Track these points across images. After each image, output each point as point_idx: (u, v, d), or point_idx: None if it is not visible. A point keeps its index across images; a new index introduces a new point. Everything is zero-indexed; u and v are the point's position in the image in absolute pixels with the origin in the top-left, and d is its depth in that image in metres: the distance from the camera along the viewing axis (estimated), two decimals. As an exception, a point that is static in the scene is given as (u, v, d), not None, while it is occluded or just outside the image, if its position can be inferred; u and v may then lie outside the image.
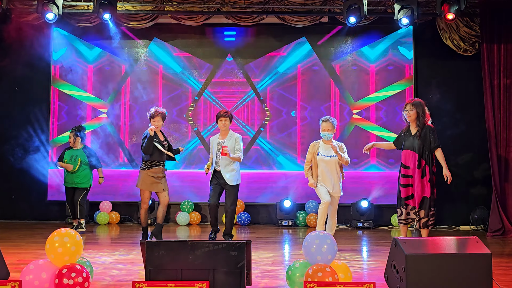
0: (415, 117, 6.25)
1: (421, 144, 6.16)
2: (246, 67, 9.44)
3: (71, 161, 7.98)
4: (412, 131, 6.27)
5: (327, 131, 6.30)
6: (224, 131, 6.85)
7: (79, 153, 8.05)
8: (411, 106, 6.26)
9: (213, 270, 3.81)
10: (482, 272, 3.86)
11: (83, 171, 8.00)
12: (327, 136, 6.31)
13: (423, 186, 6.12)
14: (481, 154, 8.72)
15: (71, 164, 7.95)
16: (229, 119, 6.82)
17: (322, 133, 6.35)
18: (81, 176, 8.01)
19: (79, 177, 8.00)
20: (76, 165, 7.97)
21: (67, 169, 7.97)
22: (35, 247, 6.51)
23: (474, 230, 8.66)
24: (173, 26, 9.24)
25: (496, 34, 8.37)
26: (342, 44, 9.41)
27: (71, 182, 8.02)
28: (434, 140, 6.16)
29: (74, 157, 8.02)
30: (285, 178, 9.28)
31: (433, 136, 6.16)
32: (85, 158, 8.03)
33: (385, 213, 9.13)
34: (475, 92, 8.79)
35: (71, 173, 7.97)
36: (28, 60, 9.27)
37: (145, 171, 6.78)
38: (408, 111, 6.28)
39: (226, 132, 6.87)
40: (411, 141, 6.24)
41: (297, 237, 7.96)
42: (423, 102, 6.32)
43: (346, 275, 4.01)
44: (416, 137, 6.18)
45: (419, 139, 6.16)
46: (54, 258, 3.83)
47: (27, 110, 9.34)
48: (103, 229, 8.59)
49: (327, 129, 6.30)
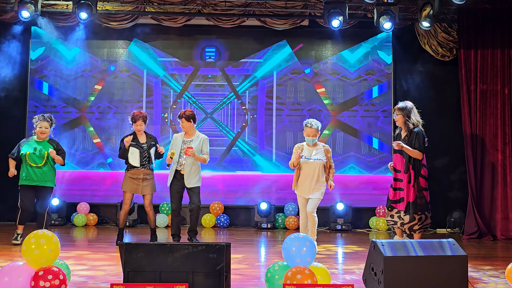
0: (402, 121, 6.21)
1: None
2: (226, 69, 9.43)
3: (35, 154, 6.68)
4: (402, 135, 6.28)
5: (311, 136, 6.19)
6: (187, 132, 6.82)
7: (44, 145, 6.77)
8: (397, 110, 6.24)
9: (192, 272, 3.80)
10: (458, 274, 3.92)
11: (50, 165, 6.78)
12: (311, 141, 6.22)
13: (409, 191, 6.10)
14: (457, 157, 8.85)
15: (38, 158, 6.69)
16: (185, 119, 6.73)
17: (306, 139, 6.24)
18: (49, 172, 6.78)
19: (46, 173, 6.74)
20: (43, 159, 6.71)
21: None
22: (11, 249, 6.40)
23: (450, 233, 8.77)
24: (153, 27, 9.20)
25: (473, 40, 8.51)
26: (322, 48, 9.47)
27: (34, 178, 6.69)
28: (418, 144, 6.06)
29: (39, 149, 6.71)
30: (265, 180, 9.29)
31: (418, 140, 6.08)
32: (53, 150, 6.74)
33: (364, 215, 9.20)
34: (453, 97, 8.93)
35: (36, 168, 6.69)
36: (5, 59, 9.12)
37: (126, 173, 6.81)
38: (395, 116, 6.31)
39: (191, 132, 6.82)
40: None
41: (276, 239, 7.98)
42: (410, 106, 6.23)
43: (324, 278, 4.03)
44: (404, 142, 6.16)
45: (407, 143, 6.12)
46: (30, 260, 3.77)
47: (3, 108, 9.17)
48: (80, 231, 8.49)
49: (312, 135, 6.19)
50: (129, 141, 6.71)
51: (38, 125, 6.77)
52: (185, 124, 6.77)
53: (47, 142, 6.83)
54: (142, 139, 6.87)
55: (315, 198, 6.17)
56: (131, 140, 6.78)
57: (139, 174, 6.77)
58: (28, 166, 6.70)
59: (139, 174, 6.76)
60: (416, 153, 6.08)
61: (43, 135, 6.79)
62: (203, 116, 9.34)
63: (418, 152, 6.09)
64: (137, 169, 6.76)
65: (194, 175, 6.74)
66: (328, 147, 6.37)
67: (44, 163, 6.72)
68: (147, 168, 6.80)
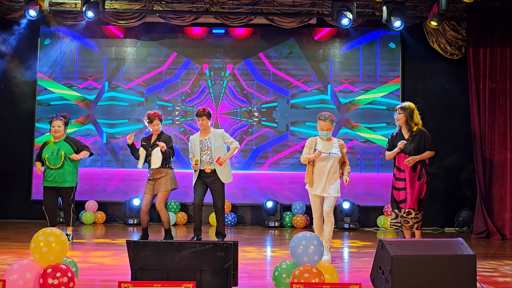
0: (403, 121, 6.19)
1: (415, 148, 6.08)
2: (234, 68, 9.43)
3: (53, 156, 6.70)
4: (404, 134, 6.22)
5: (326, 130, 5.82)
6: (204, 130, 6.80)
7: (61, 145, 6.77)
8: (400, 110, 6.21)
9: (200, 270, 3.80)
10: (466, 274, 3.90)
11: (68, 166, 6.77)
12: (326, 136, 5.84)
13: (421, 188, 6.07)
14: (466, 156, 8.81)
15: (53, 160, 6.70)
16: (206, 117, 6.74)
17: (320, 133, 5.85)
18: (66, 173, 6.75)
19: (64, 174, 6.73)
20: (60, 160, 6.71)
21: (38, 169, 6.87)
22: (19, 246, 6.44)
23: (459, 232, 8.73)
24: (161, 25, 9.22)
25: (482, 38, 8.45)
26: (330, 46, 9.45)
27: (54, 180, 6.72)
28: (429, 144, 6.10)
29: (56, 150, 6.73)
30: (273, 178, 9.29)
31: (428, 140, 6.12)
32: (70, 150, 6.76)
33: (371, 214, 9.18)
34: (461, 95, 8.88)
35: (54, 170, 6.71)
36: (14, 57, 9.18)
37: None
38: (397, 115, 6.28)
39: (206, 131, 6.81)
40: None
41: (284, 238, 7.97)
42: (412, 106, 6.22)
43: (332, 276, 4.02)
44: (409, 141, 6.12)
45: (412, 142, 6.09)
46: (39, 258, 3.79)
47: (12, 108, 9.23)
48: (89, 229, 8.53)
49: (326, 129, 5.81)
50: (130, 137, 6.72)
51: (52, 124, 6.80)
52: (205, 122, 6.74)
53: (64, 142, 6.81)
54: (154, 139, 6.85)
55: (331, 197, 5.75)
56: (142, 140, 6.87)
57: (151, 175, 6.79)
58: (49, 168, 6.73)
59: (155, 174, 6.77)
60: (428, 154, 6.12)
61: (57, 134, 6.78)
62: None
63: (430, 152, 6.12)
64: (150, 169, 6.77)
65: (224, 171, 6.72)
66: (343, 142, 6.00)
67: (62, 164, 6.70)
68: (155, 168, 6.75)
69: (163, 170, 6.75)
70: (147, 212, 6.81)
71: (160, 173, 6.75)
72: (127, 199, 9.06)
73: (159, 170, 6.75)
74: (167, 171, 6.78)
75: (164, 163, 6.75)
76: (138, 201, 8.91)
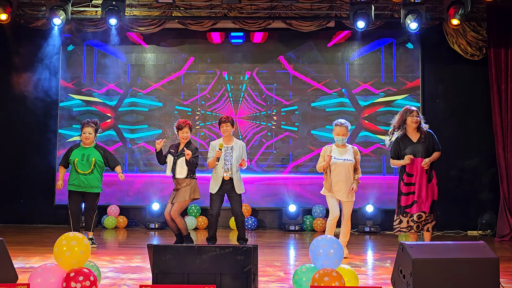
0: (418, 125, 6.28)
1: (426, 149, 6.15)
2: (253, 72, 9.47)
3: (83, 161, 6.79)
4: (412, 137, 6.22)
5: (341, 135, 6.16)
6: (227, 136, 6.78)
7: (91, 152, 6.88)
8: (417, 113, 6.29)
9: (220, 274, 3.83)
10: (489, 277, 3.85)
11: (97, 172, 6.88)
12: (341, 141, 6.18)
13: (432, 190, 6.11)
14: (488, 158, 8.69)
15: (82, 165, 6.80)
16: (230, 124, 6.73)
17: (336, 138, 6.20)
18: (95, 179, 6.87)
19: (93, 180, 6.84)
20: (90, 167, 6.81)
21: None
22: (43, 251, 6.54)
23: (482, 235, 8.61)
24: (180, 31, 9.30)
25: (503, 39, 8.35)
26: (348, 49, 9.43)
27: (81, 185, 6.80)
28: (438, 144, 6.24)
29: (86, 156, 6.83)
30: (292, 182, 9.29)
31: (437, 141, 6.25)
32: (100, 157, 6.89)
33: (392, 217, 9.06)
34: (483, 97, 8.78)
35: (82, 175, 6.81)
36: (37, 64, 9.36)
37: None
38: (417, 118, 6.25)
39: (229, 138, 6.81)
40: (414, 147, 6.16)
41: (304, 241, 7.96)
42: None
43: (352, 280, 4.01)
44: (421, 143, 6.16)
45: (424, 144, 6.15)
46: (62, 262, 3.86)
47: (36, 113, 9.39)
48: (111, 233, 8.63)
49: (342, 134, 6.15)
50: (159, 143, 6.70)
51: (83, 131, 6.87)
52: (229, 129, 6.72)
53: (94, 148, 6.90)
54: (181, 148, 6.85)
55: (350, 202, 6.20)
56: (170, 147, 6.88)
57: (176, 184, 6.80)
58: (76, 172, 6.78)
59: (175, 184, 6.80)
60: (438, 154, 6.22)
61: (88, 141, 6.85)
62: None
63: (439, 153, 6.23)
64: (176, 178, 6.76)
65: (240, 182, 6.74)
66: (356, 149, 6.31)
67: (91, 170, 6.79)
68: (180, 177, 6.73)
69: (186, 180, 6.74)
70: (172, 219, 6.79)
71: (183, 182, 6.74)
72: (148, 204, 9.14)
73: (183, 180, 6.75)
74: (189, 181, 6.76)
75: (188, 173, 6.75)
76: (157, 205, 8.99)
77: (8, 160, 9.33)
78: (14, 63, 9.33)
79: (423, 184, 6.09)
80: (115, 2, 7.93)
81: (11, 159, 9.33)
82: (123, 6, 8.06)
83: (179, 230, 6.80)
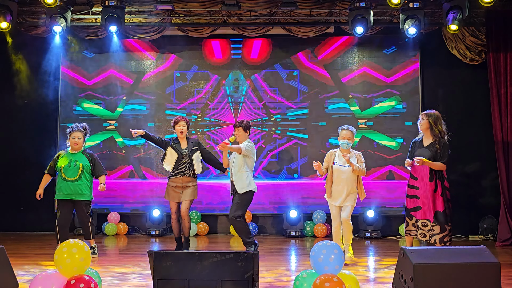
0: (426, 127, 6.13)
1: (431, 157, 6.01)
2: (253, 78, 9.48)
3: (70, 168, 6.55)
4: (425, 142, 6.15)
5: (346, 139, 6.22)
6: (239, 141, 6.67)
7: (79, 157, 6.63)
8: (424, 115, 6.17)
9: (221, 280, 3.83)
10: (490, 282, 3.84)
11: (85, 179, 6.62)
12: (346, 145, 6.23)
13: (435, 200, 5.99)
14: (489, 163, 8.69)
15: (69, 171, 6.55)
16: (242, 129, 6.60)
17: (341, 142, 6.26)
18: (83, 185, 6.60)
19: (81, 186, 6.57)
20: (77, 173, 6.55)
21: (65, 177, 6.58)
22: (44, 258, 6.54)
23: (483, 239, 8.60)
24: (180, 37, 9.31)
25: (502, 43, 8.37)
26: (348, 55, 9.44)
27: (69, 192, 6.54)
28: (443, 154, 6.01)
29: (74, 162, 6.58)
30: (292, 187, 9.28)
31: (446, 153, 6.02)
32: (87, 163, 6.64)
33: (393, 222, 9.09)
34: (482, 101, 8.79)
35: (70, 182, 6.56)
36: (37, 72, 9.39)
37: (168, 181, 6.75)
38: (420, 120, 6.23)
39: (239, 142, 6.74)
40: (421, 151, 6.09)
41: (305, 247, 7.95)
42: (437, 114, 6.16)
43: (354, 285, 4.00)
44: (428, 149, 6.06)
45: (430, 151, 6.03)
46: (62, 269, 3.85)
47: (36, 121, 9.41)
48: (111, 240, 8.62)
49: (347, 137, 6.23)
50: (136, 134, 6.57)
51: (71, 136, 6.66)
52: (241, 134, 6.57)
53: (82, 154, 6.68)
54: (184, 144, 6.74)
55: (348, 205, 6.18)
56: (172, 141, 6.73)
57: (178, 182, 6.65)
58: (63, 179, 6.54)
59: (178, 182, 6.65)
60: (439, 165, 6.00)
61: (76, 146, 6.64)
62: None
63: (441, 165, 6.00)
64: (176, 177, 6.65)
65: (240, 181, 6.44)
66: (360, 153, 6.34)
67: (79, 176, 6.55)
68: (186, 176, 6.65)
69: (192, 179, 6.66)
70: (178, 220, 6.69)
71: (189, 182, 6.65)
72: (149, 211, 9.13)
73: (190, 179, 6.65)
74: (195, 180, 6.72)
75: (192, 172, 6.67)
76: (157, 212, 8.97)
77: (9, 168, 9.33)
78: (14, 70, 9.35)
79: (428, 192, 6.01)
80: (115, 9, 7.97)
81: (12, 166, 9.33)
82: (123, 13, 8.10)
83: (180, 233, 6.76)
